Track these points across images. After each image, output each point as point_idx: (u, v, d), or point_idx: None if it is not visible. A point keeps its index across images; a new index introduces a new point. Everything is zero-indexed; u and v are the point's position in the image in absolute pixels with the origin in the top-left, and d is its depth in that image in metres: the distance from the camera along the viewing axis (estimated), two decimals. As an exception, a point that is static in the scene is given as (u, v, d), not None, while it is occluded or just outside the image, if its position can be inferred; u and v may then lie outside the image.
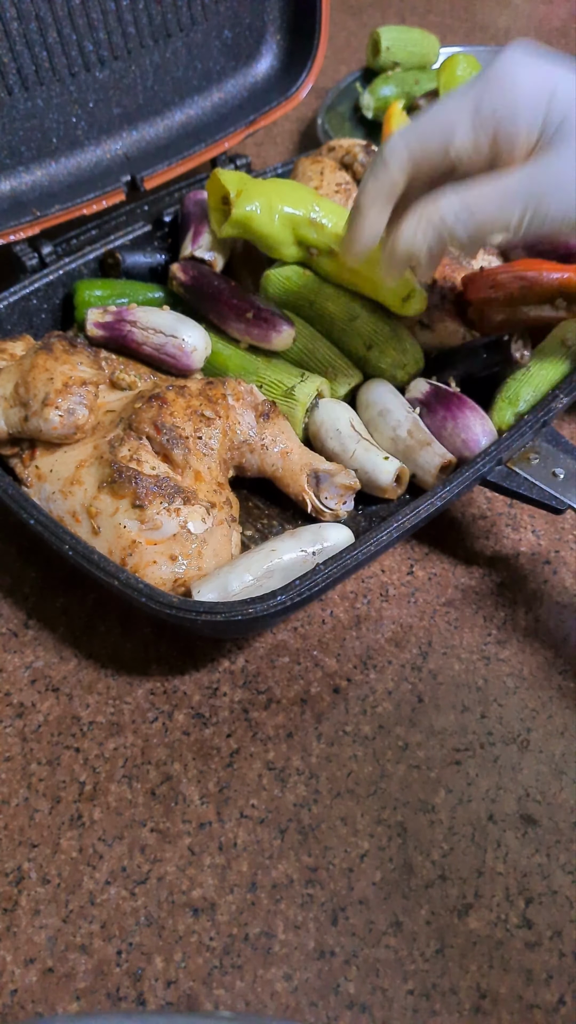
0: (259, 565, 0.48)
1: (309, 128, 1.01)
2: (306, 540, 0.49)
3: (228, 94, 0.79)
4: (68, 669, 0.52)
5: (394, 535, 0.47)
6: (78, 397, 0.52)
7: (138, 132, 0.74)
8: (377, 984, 0.40)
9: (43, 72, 0.65)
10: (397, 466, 0.55)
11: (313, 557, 0.49)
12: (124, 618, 0.54)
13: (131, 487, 0.49)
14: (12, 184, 0.68)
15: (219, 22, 0.74)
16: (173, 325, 0.59)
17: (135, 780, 0.47)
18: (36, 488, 0.53)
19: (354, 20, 1.25)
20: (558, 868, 0.43)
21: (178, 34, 0.72)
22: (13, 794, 0.47)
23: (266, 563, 0.48)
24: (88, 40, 0.66)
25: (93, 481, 0.51)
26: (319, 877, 0.43)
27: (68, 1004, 0.40)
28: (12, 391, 0.53)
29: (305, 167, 0.69)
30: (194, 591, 0.47)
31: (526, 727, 0.49)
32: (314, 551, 0.49)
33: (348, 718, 0.49)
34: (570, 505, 0.50)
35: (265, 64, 0.80)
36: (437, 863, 0.44)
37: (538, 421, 0.53)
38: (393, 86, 0.93)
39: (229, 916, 0.42)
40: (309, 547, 0.49)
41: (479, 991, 0.40)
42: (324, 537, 0.49)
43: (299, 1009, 0.40)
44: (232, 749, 0.48)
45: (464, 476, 0.50)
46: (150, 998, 0.40)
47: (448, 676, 0.51)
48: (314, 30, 0.76)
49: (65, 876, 0.44)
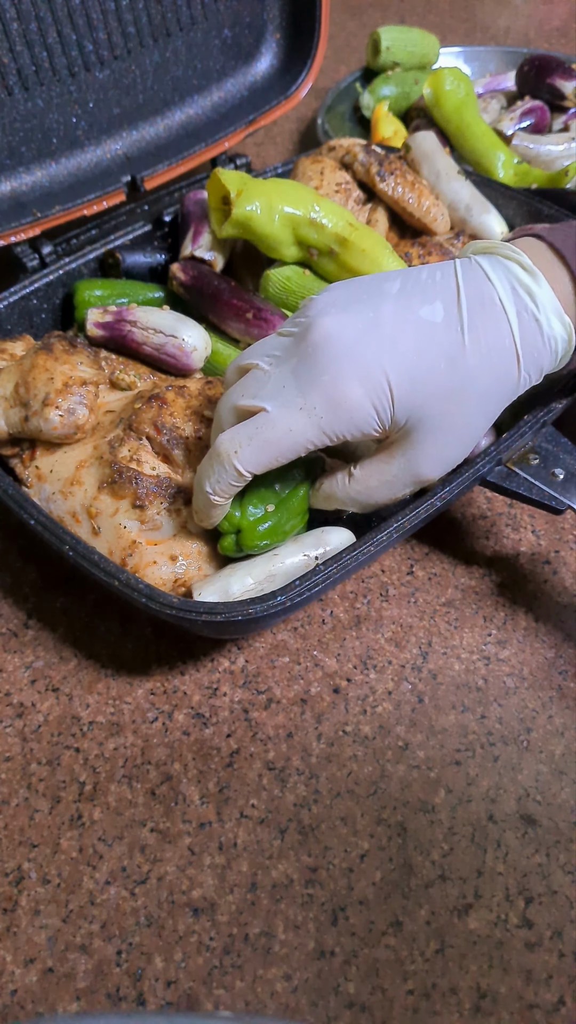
0: (261, 569, 0.48)
1: (309, 128, 1.01)
2: (308, 544, 0.49)
3: (228, 93, 0.79)
4: (68, 669, 0.52)
5: (394, 536, 0.47)
6: (78, 397, 0.52)
7: (138, 132, 0.74)
8: (377, 984, 0.40)
9: (43, 72, 0.65)
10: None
11: (315, 561, 0.49)
12: (124, 618, 0.54)
13: (131, 488, 0.49)
14: (12, 185, 0.68)
15: (219, 21, 0.74)
16: (173, 325, 0.59)
17: (135, 780, 0.47)
18: (36, 488, 0.53)
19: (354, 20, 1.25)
20: (558, 868, 0.43)
21: (178, 33, 0.72)
22: (13, 794, 0.47)
23: (268, 567, 0.48)
24: (88, 40, 0.66)
25: (93, 481, 0.51)
26: (319, 877, 0.43)
27: (68, 1004, 0.40)
28: (12, 391, 0.53)
29: (305, 167, 0.69)
30: (195, 593, 0.47)
31: (526, 727, 0.49)
32: (316, 555, 0.49)
33: (348, 718, 0.49)
34: (570, 505, 0.50)
35: (265, 63, 0.80)
36: (437, 863, 0.44)
37: (538, 421, 0.53)
38: (393, 86, 0.93)
39: (229, 916, 0.42)
40: (311, 551, 0.49)
41: (479, 991, 0.40)
42: (326, 541, 0.49)
43: (299, 1009, 0.40)
44: (232, 749, 0.48)
45: (464, 476, 0.50)
46: (150, 998, 0.40)
47: (448, 676, 0.51)
48: (314, 29, 0.77)
49: (65, 876, 0.44)
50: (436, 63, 0.99)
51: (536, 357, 0.45)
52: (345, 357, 0.42)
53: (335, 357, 0.42)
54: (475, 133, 0.82)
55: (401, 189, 0.66)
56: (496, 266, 0.45)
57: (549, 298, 0.45)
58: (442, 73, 0.85)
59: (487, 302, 0.44)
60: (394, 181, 0.66)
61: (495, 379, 0.45)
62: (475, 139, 0.82)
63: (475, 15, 1.25)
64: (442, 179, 0.69)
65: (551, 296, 0.45)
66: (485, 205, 0.69)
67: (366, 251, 0.61)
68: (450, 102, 0.84)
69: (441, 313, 0.43)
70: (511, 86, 0.94)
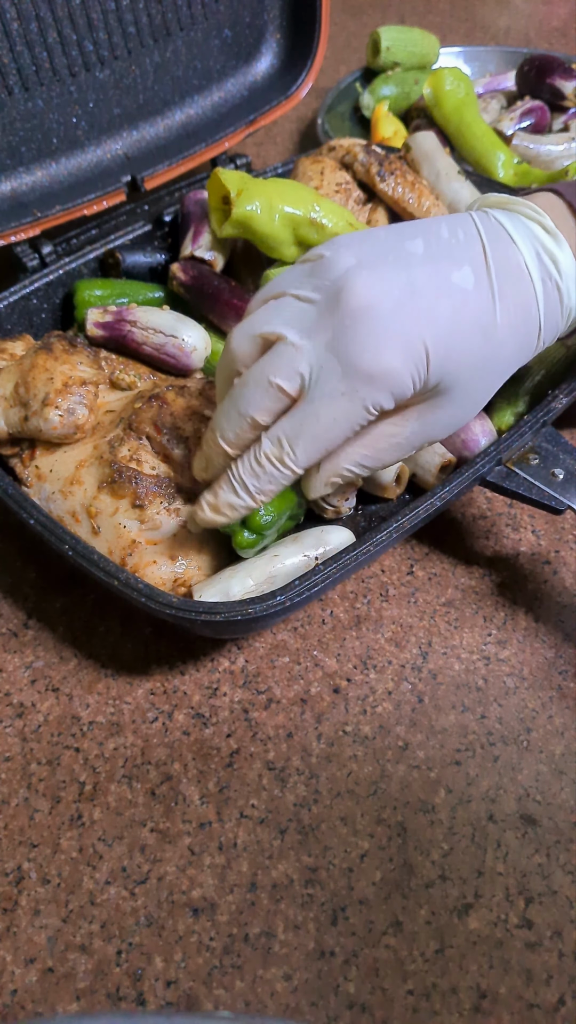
0: (261, 570, 0.48)
1: (309, 128, 1.01)
2: (308, 544, 0.49)
3: (228, 93, 0.79)
4: (68, 669, 0.52)
5: (393, 536, 0.47)
6: (78, 397, 0.52)
7: (138, 132, 0.74)
8: (377, 984, 0.40)
9: (43, 72, 0.65)
10: (397, 465, 0.55)
11: (315, 561, 0.49)
12: (124, 618, 0.54)
13: (131, 487, 0.49)
14: (13, 185, 0.68)
15: (219, 21, 0.74)
16: (173, 325, 0.59)
17: (135, 780, 0.47)
18: (36, 488, 0.53)
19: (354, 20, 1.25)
20: (558, 868, 0.43)
21: (178, 33, 0.72)
22: (13, 794, 0.47)
23: (269, 568, 0.48)
24: (88, 40, 0.66)
25: (93, 481, 0.51)
26: (319, 877, 0.43)
27: (68, 1004, 0.40)
28: (12, 391, 0.53)
29: (305, 167, 0.69)
30: (196, 594, 0.47)
31: (526, 727, 0.49)
32: (316, 555, 0.49)
33: (348, 718, 0.49)
34: (569, 505, 0.50)
35: (265, 63, 0.80)
36: (437, 863, 0.44)
37: (538, 421, 0.53)
38: (393, 86, 0.93)
39: (229, 916, 0.42)
40: (311, 551, 0.49)
41: (479, 991, 0.40)
42: (326, 541, 0.50)
43: (299, 1009, 0.40)
44: (232, 749, 0.48)
45: (464, 477, 0.50)
46: (150, 998, 0.40)
47: (448, 676, 0.51)
48: (314, 28, 0.76)
49: (65, 876, 0.44)
50: (436, 63, 0.99)
51: (554, 324, 0.45)
52: (385, 330, 0.40)
53: (374, 331, 0.40)
54: (475, 133, 0.82)
55: (401, 189, 0.66)
56: (519, 226, 0.44)
57: (570, 264, 0.44)
58: (442, 73, 0.85)
59: (514, 268, 0.43)
60: (394, 181, 0.66)
61: (518, 347, 0.44)
62: (475, 139, 0.82)
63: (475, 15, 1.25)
64: (442, 179, 0.69)
65: (572, 262, 0.44)
66: (485, 205, 0.68)
67: (366, 251, 0.61)
68: (450, 102, 0.84)
69: (472, 279, 0.42)
70: (511, 86, 0.94)
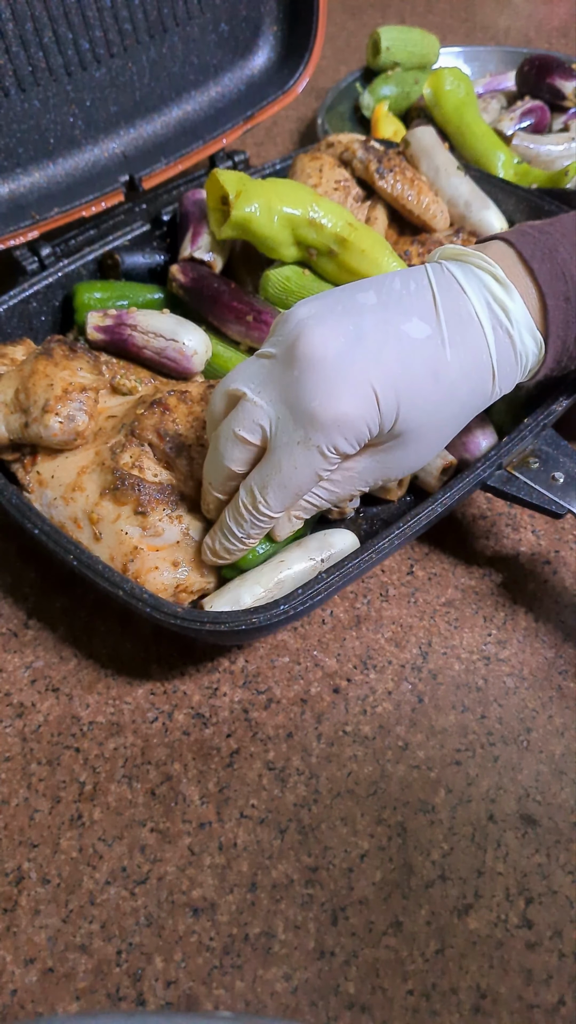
0: (269, 577, 0.48)
1: (309, 128, 1.01)
2: (313, 548, 0.50)
3: (225, 89, 0.79)
4: (68, 669, 0.52)
5: (395, 542, 0.48)
6: (78, 403, 0.52)
7: (135, 130, 0.74)
8: (377, 984, 0.40)
9: (39, 72, 0.65)
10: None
11: (321, 564, 0.49)
12: (124, 618, 0.54)
13: (134, 495, 0.49)
14: (10, 187, 0.68)
15: (215, 15, 0.74)
16: (173, 329, 0.59)
17: (135, 780, 0.47)
18: (37, 494, 0.53)
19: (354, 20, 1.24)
20: (558, 868, 0.43)
21: (174, 29, 0.71)
22: (13, 794, 0.47)
23: (276, 574, 0.48)
24: (84, 38, 0.66)
25: (95, 487, 0.51)
26: (319, 877, 0.43)
27: (68, 1004, 0.40)
28: (12, 397, 0.53)
29: (304, 164, 0.69)
30: (207, 607, 0.47)
31: (526, 727, 0.49)
32: (322, 559, 0.49)
33: (348, 718, 0.49)
34: (570, 510, 0.50)
35: (262, 57, 0.80)
36: (437, 863, 0.44)
37: (538, 425, 0.53)
38: (393, 86, 0.93)
39: (229, 916, 0.42)
40: (317, 555, 0.49)
41: (479, 991, 0.40)
42: (330, 544, 0.50)
43: (299, 1009, 0.40)
44: (232, 749, 0.48)
45: (465, 482, 0.50)
46: (150, 998, 0.40)
47: (448, 676, 0.51)
48: (311, 21, 0.76)
49: (65, 876, 0.44)
50: (436, 63, 0.99)
51: (509, 372, 0.46)
52: (333, 376, 0.41)
53: (322, 378, 0.41)
54: (475, 133, 0.82)
55: (400, 186, 0.66)
56: (470, 277, 0.45)
57: (522, 313, 0.45)
58: (442, 73, 0.85)
59: (464, 316, 0.44)
60: (393, 178, 0.66)
61: (472, 392, 0.45)
62: (475, 139, 0.82)
63: (475, 15, 1.25)
64: (441, 175, 0.69)
65: (524, 311, 0.45)
66: (485, 201, 0.68)
67: (365, 251, 0.61)
68: (450, 102, 0.84)
69: (421, 327, 0.43)
70: (511, 86, 0.94)
